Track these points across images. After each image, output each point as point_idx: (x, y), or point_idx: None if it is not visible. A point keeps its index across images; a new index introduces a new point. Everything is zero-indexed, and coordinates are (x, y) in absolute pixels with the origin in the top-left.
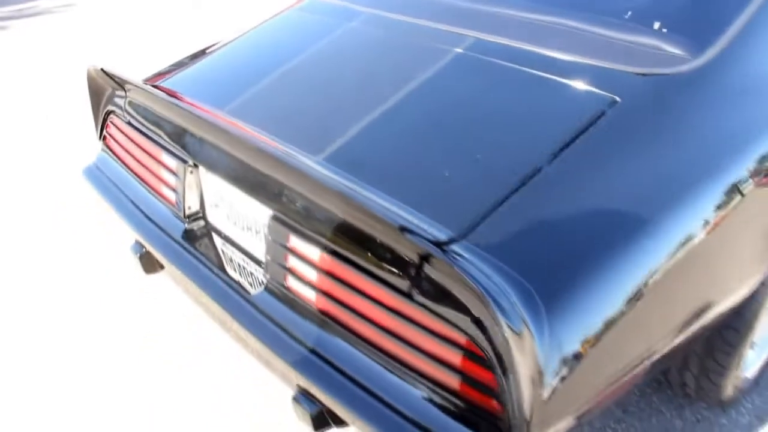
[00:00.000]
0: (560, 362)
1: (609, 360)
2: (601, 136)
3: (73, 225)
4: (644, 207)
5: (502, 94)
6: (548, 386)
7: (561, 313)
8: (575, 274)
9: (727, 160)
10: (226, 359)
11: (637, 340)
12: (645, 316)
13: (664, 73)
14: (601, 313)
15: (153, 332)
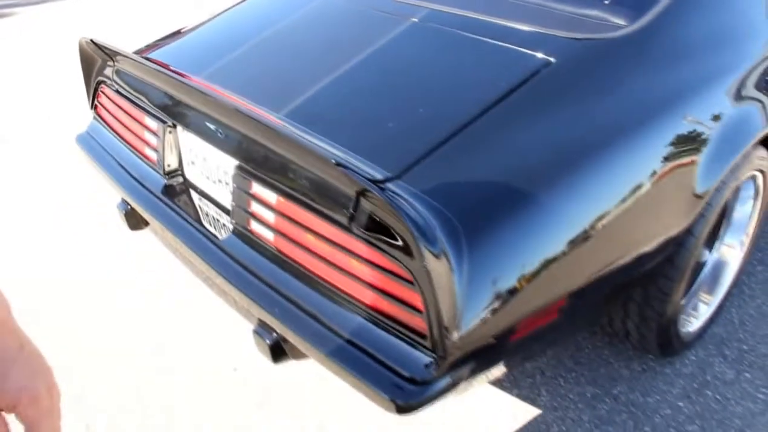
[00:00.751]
0: (479, 287)
1: (528, 291)
2: (534, 93)
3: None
4: (571, 157)
5: (447, 57)
6: (465, 307)
7: (483, 243)
8: (498, 211)
9: (654, 119)
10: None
11: (557, 277)
12: (567, 256)
13: (597, 37)
14: (522, 248)
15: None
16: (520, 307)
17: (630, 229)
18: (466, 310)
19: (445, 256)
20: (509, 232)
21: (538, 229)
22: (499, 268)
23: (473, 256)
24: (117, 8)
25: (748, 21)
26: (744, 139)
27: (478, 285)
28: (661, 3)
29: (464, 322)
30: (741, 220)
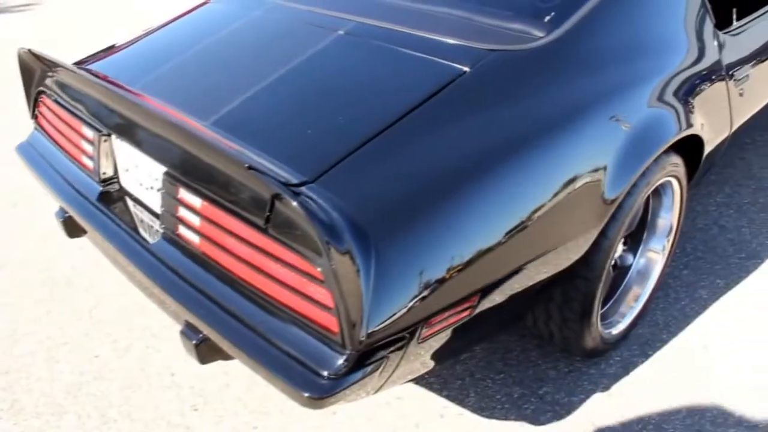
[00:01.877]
0: (387, 285)
1: (439, 290)
2: (447, 101)
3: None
4: (483, 162)
5: (369, 67)
6: (372, 305)
7: (392, 244)
8: (409, 213)
9: (566, 125)
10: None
11: (468, 277)
12: (478, 257)
13: (511, 48)
14: (433, 249)
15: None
16: (430, 305)
17: (543, 231)
18: (373, 307)
19: (351, 256)
20: (420, 233)
21: (448, 230)
22: (409, 268)
23: (381, 256)
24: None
25: (663, 33)
26: (653, 145)
27: (386, 284)
28: (577, 15)
29: (371, 318)
30: (664, 225)
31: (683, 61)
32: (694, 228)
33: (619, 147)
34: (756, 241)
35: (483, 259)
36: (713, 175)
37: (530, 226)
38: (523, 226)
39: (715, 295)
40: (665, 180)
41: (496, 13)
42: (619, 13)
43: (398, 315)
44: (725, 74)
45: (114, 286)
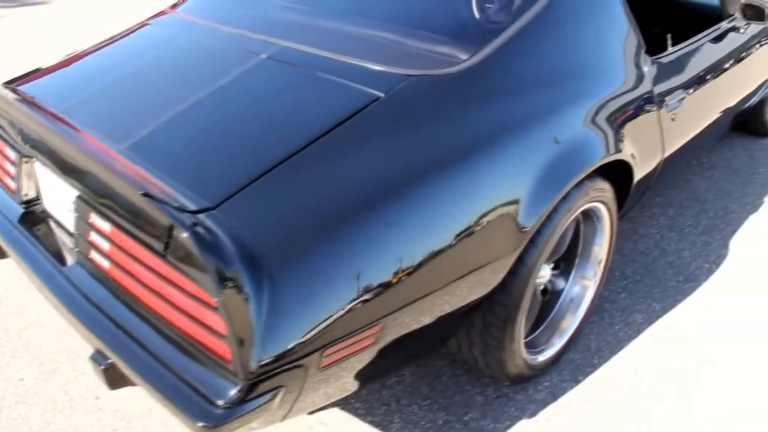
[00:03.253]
0: (282, 315)
1: (340, 319)
2: (358, 127)
3: None
4: (391, 188)
5: (287, 92)
6: (265, 334)
7: (289, 272)
8: (310, 242)
9: (482, 150)
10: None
11: (372, 306)
12: (383, 286)
13: (429, 74)
14: (335, 277)
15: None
16: (329, 334)
17: (454, 258)
18: (265, 336)
19: (242, 284)
20: (319, 262)
21: (350, 259)
22: (306, 297)
23: (276, 284)
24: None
25: (589, 57)
26: (573, 171)
27: (281, 312)
28: (499, 39)
29: (264, 347)
30: (597, 252)
31: (610, 86)
32: (635, 251)
33: (536, 172)
34: (695, 264)
35: (387, 287)
36: (658, 197)
37: (440, 254)
38: (432, 254)
39: (651, 319)
40: (592, 206)
41: (421, 36)
42: (544, 37)
43: (293, 344)
44: (656, 100)
45: (46, 307)
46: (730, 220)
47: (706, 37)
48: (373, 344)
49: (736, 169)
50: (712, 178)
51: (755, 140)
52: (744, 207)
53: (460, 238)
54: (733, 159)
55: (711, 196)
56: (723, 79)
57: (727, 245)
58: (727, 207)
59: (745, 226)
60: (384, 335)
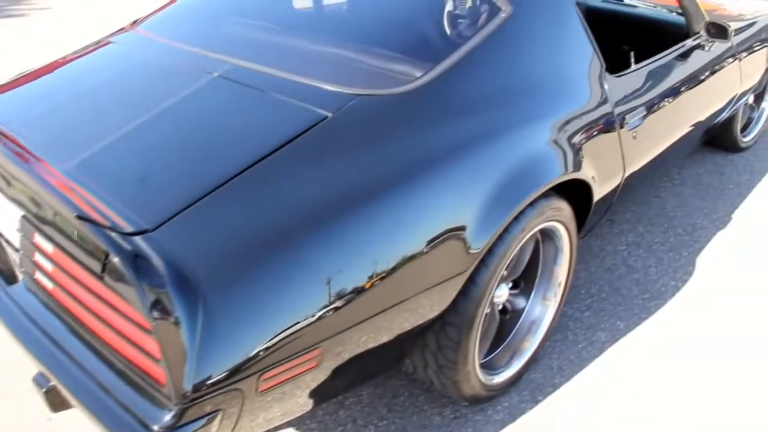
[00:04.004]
0: (216, 338)
1: (278, 342)
2: (304, 148)
3: None
4: (335, 209)
5: (234, 112)
6: (198, 358)
7: (225, 295)
8: (247, 265)
9: (431, 170)
10: None
11: (315, 329)
12: (327, 308)
13: (379, 93)
14: (273, 300)
15: None
16: (266, 358)
17: (401, 279)
18: (199, 360)
19: (174, 308)
20: (256, 285)
21: (290, 282)
22: (242, 321)
23: (210, 308)
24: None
25: (545, 76)
26: (525, 190)
27: (215, 336)
28: (452, 58)
29: (197, 371)
30: (557, 272)
31: (567, 104)
32: (602, 268)
33: (486, 193)
34: (661, 282)
35: (328, 310)
36: (627, 213)
37: (385, 276)
38: (375, 276)
39: (614, 337)
40: (549, 225)
41: (377, 53)
42: (499, 55)
43: (227, 368)
44: (616, 118)
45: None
46: (699, 236)
47: (669, 55)
48: (315, 367)
49: (706, 185)
50: (682, 195)
51: (725, 156)
52: (713, 223)
53: (407, 259)
54: (704, 175)
55: (680, 212)
56: (688, 96)
57: (693, 262)
58: (695, 223)
59: (713, 243)
60: (326, 358)
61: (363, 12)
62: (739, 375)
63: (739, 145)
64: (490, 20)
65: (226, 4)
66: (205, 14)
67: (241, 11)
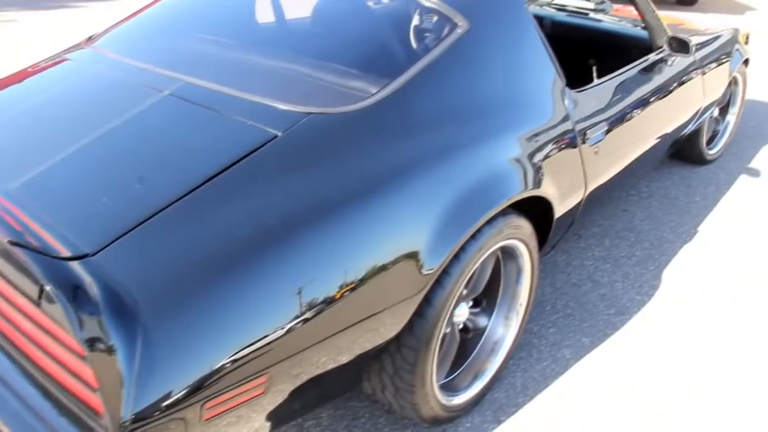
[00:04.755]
0: (155, 365)
1: (219, 371)
2: (252, 168)
3: None
4: (283, 232)
5: (182, 132)
6: (136, 387)
7: (164, 323)
8: (189, 289)
9: (384, 189)
10: None
11: (254, 355)
12: (270, 334)
13: (330, 111)
14: (212, 328)
15: None
16: (209, 385)
17: (351, 302)
18: (138, 388)
19: (110, 336)
20: (198, 311)
21: (237, 309)
22: (183, 348)
23: (150, 335)
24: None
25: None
26: (482, 208)
27: (154, 364)
28: (406, 74)
29: (136, 400)
30: (518, 290)
31: (525, 120)
32: (568, 283)
33: (441, 211)
34: (627, 296)
35: (274, 337)
36: (595, 227)
37: (335, 299)
38: (326, 300)
39: (579, 354)
40: (509, 243)
41: (331, 69)
42: (455, 72)
43: (167, 397)
44: (577, 133)
45: None
46: (665, 250)
47: (631, 70)
48: (263, 394)
49: (673, 198)
50: (649, 208)
51: (693, 168)
52: (679, 237)
53: (358, 282)
54: (671, 188)
55: (647, 225)
56: (651, 110)
57: (660, 276)
58: (662, 237)
59: (679, 256)
60: (275, 384)
61: (320, 28)
62: (705, 390)
63: (706, 158)
64: (445, 36)
65: (183, 20)
66: (161, 30)
67: (199, 27)
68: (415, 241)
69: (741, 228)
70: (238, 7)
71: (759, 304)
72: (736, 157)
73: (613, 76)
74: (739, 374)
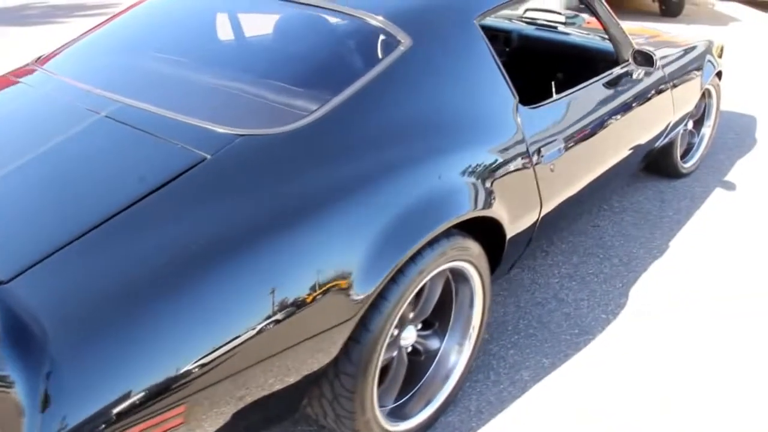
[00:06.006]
0: (62, 398)
1: (131, 402)
2: (177, 192)
3: None
4: (208, 258)
5: (112, 155)
6: (44, 420)
7: (74, 354)
8: (102, 320)
9: (313, 215)
10: None
11: (169, 385)
12: (187, 364)
13: (263, 133)
14: (125, 358)
15: None
16: (125, 417)
17: (277, 329)
18: (44, 422)
19: (13, 368)
20: (115, 344)
21: (154, 338)
22: (95, 381)
23: (56, 368)
24: None
25: (447, 110)
26: (418, 232)
27: (62, 397)
28: (344, 93)
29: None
30: (471, 312)
31: (472, 139)
32: (532, 302)
33: (376, 234)
34: (592, 315)
35: (194, 366)
36: (564, 244)
37: (261, 326)
38: (249, 328)
39: (538, 376)
40: (456, 265)
41: (269, 88)
42: (397, 90)
43: (77, 430)
44: (530, 151)
45: None
46: (634, 266)
47: (593, 84)
48: (182, 424)
49: (646, 212)
50: (621, 223)
51: (667, 182)
52: (649, 252)
53: (286, 307)
54: (644, 202)
55: (617, 241)
56: (615, 125)
57: (627, 294)
58: (632, 252)
59: (648, 272)
60: (194, 414)
61: (265, 46)
62: (672, 403)
63: (681, 171)
64: (387, 54)
65: (130, 40)
66: (107, 51)
67: (145, 47)
68: (347, 265)
69: (713, 242)
70: (186, 27)
71: (727, 318)
72: (713, 170)
73: (572, 91)
74: (707, 386)
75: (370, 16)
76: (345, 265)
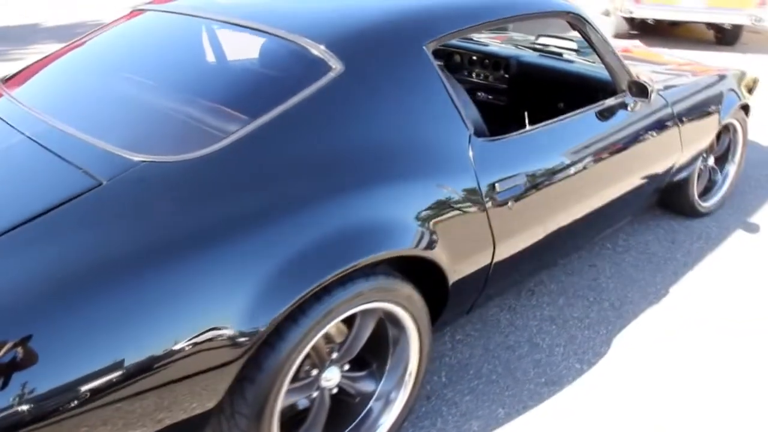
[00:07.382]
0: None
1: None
2: (62, 218)
3: None
4: (82, 292)
5: (19, 176)
6: None
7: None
8: None
9: (202, 251)
10: None
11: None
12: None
13: (161, 160)
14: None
15: None
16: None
17: (157, 366)
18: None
19: None
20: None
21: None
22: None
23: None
24: None
25: (377, 142)
26: (322, 269)
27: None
28: (254, 124)
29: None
30: (406, 358)
31: (406, 171)
32: (502, 345)
33: (272, 270)
34: (564, 364)
35: (55, 405)
36: (553, 284)
37: (136, 364)
38: (122, 366)
39: (489, 427)
40: (386, 308)
41: (187, 111)
42: (320, 117)
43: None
44: (481, 186)
45: None
46: (625, 312)
47: (575, 116)
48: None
49: (651, 254)
50: (620, 264)
51: (683, 221)
52: (645, 298)
53: (163, 345)
54: (653, 242)
55: (613, 283)
56: (602, 160)
57: (609, 342)
58: (625, 297)
59: (638, 321)
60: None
61: (199, 68)
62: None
63: (699, 210)
64: (315, 80)
65: (76, 64)
66: (55, 73)
67: (88, 70)
68: (235, 303)
69: (719, 291)
70: (131, 50)
71: (722, 387)
72: (737, 210)
73: (546, 124)
74: None
75: (303, 41)
76: (233, 302)
